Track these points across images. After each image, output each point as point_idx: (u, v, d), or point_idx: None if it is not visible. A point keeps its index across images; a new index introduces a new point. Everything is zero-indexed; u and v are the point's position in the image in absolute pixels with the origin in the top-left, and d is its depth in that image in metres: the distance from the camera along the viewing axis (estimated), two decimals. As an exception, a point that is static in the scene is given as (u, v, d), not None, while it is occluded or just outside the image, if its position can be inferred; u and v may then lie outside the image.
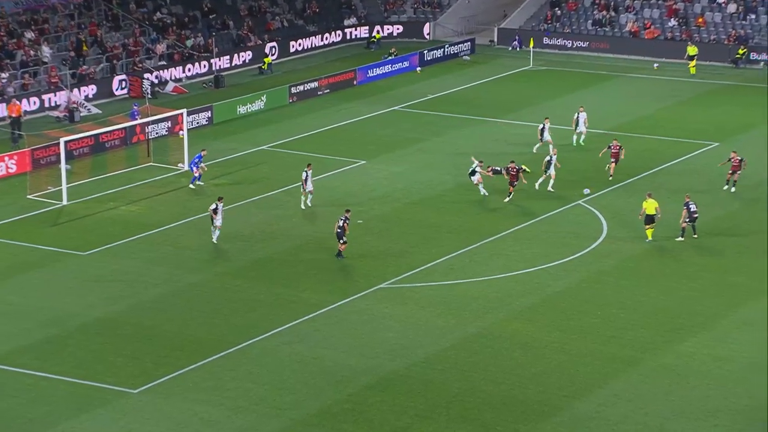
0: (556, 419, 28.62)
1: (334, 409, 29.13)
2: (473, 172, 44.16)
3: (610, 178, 45.96)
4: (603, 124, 54.74)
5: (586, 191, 43.92)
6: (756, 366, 31.21)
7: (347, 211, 39.01)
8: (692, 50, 63.89)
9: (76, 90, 57.68)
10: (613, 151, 46.27)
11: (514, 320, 34.21)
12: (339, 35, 72.23)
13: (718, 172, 46.49)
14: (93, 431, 28.17)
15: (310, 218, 42.37)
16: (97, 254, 39.48)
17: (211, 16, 68.57)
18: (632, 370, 31.06)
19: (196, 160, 45.71)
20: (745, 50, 66.07)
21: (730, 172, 44.82)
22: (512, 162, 43.76)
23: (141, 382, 30.37)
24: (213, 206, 39.56)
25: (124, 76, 59.87)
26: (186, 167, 47.96)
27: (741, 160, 44.71)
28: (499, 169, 44.39)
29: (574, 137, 50.29)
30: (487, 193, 43.99)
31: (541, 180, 44.54)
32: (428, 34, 73.62)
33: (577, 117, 50.37)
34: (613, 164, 46.06)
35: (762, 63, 66.13)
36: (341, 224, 38.22)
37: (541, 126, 49.35)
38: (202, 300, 35.77)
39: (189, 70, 63.59)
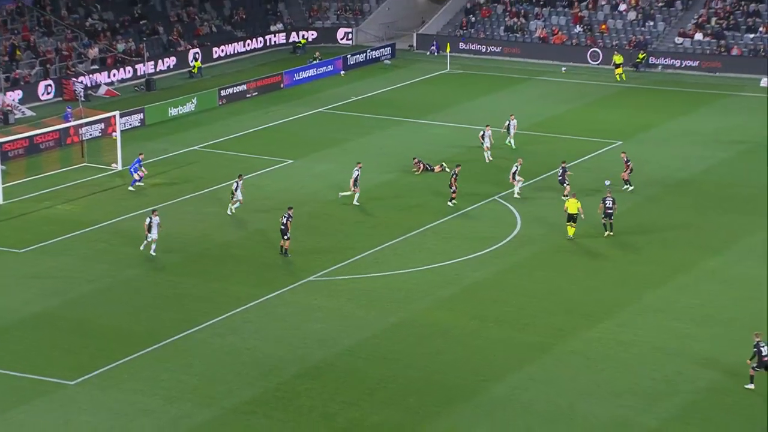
0: (475, 401, 28.87)
1: (265, 397, 29.05)
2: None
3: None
4: (517, 124, 55.26)
5: (607, 182, 42.78)
6: (657, 350, 31.79)
7: (290, 208, 38.66)
8: (618, 59, 64.65)
9: (9, 93, 56.54)
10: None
11: (435, 310, 34.41)
12: (265, 41, 71.86)
13: (621, 169, 47.26)
14: (32, 421, 27.74)
15: (240, 215, 42.12)
16: (33, 252, 38.83)
17: (141, 22, 67.73)
18: (544, 355, 31.44)
19: (136, 164, 44.98)
20: (644, 55, 67.22)
21: (626, 171, 45.11)
22: (457, 165, 43.57)
23: (78, 374, 29.97)
24: (147, 221, 38.00)
25: (50, 82, 58.79)
26: (119, 167, 47.40)
27: (628, 160, 44.87)
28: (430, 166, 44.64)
29: (509, 140, 50.30)
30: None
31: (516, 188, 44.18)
32: (342, 39, 73.51)
33: (508, 124, 50.41)
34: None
35: (660, 66, 67.36)
36: (284, 221, 37.87)
37: (481, 132, 49.02)
38: (137, 295, 35.39)
39: (121, 74, 62.78)
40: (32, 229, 41.04)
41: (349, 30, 73.99)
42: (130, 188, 44.98)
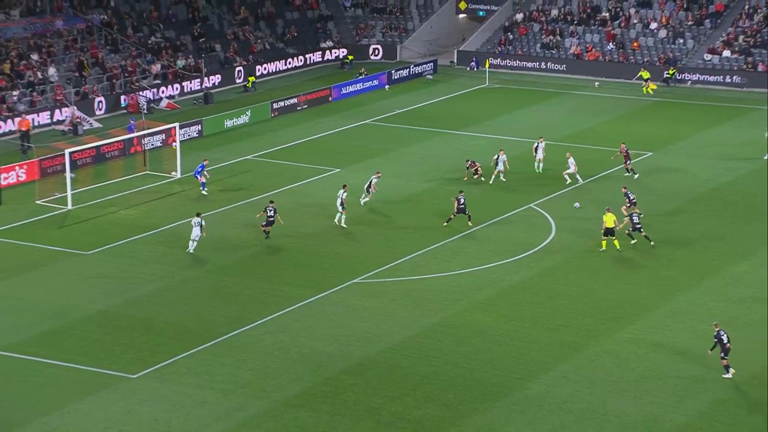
0: (511, 399, 28.65)
1: (313, 391, 29.03)
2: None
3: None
4: (551, 135, 54.90)
5: (576, 205, 42.86)
6: (686, 350, 31.38)
7: (271, 202, 40.15)
8: (645, 74, 64.07)
9: (101, 100, 57.30)
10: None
11: (474, 311, 34.22)
12: (316, 57, 72.10)
13: (651, 179, 46.82)
14: (96, 412, 27.94)
15: (289, 221, 42.19)
16: (98, 254, 39.17)
17: (200, 40, 68.25)
18: (577, 354, 31.14)
19: (200, 169, 45.28)
20: (674, 71, 66.52)
21: (626, 162, 45.96)
22: (461, 192, 41.44)
23: (139, 368, 30.16)
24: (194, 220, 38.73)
25: (115, 96, 59.45)
26: (178, 175, 47.77)
27: (627, 150, 46.09)
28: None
29: (535, 164, 47.83)
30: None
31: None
32: (375, 56, 73.44)
33: (537, 146, 48.03)
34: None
35: (689, 82, 66.62)
36: (272, 214, 39.38)
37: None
38: (194, 294, 35.56)
39: (181, 88, 63.27)
40: (98, 232, 41.41)
41: (393, 47, 73.97)
42: (203, 192, 45.12)
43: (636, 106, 61.73)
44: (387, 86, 66.51)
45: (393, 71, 68.00)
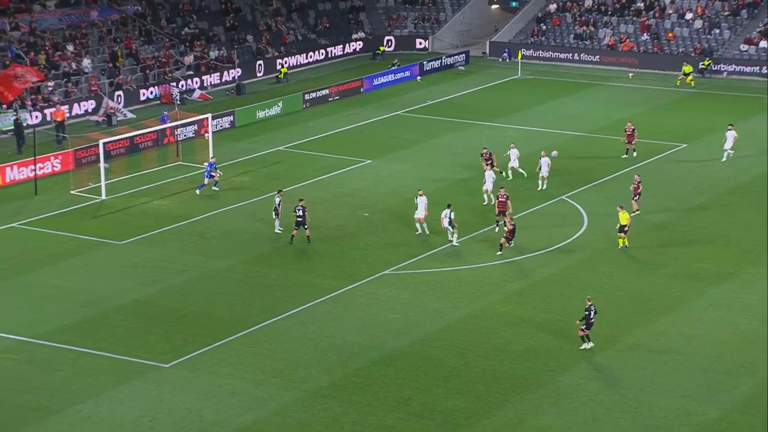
0: (542, 391, 28.59)
1: (343, 382, 29.14)
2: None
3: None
4: (583, 127, 54.68)
5: (554, 153, 42.83)
6: (719, 343, 31.14)
7: (300, 200, 39.09)
8: (687, 68, 63.48)
9: (117, 96, 57.71)
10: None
11: (505, 303, 34.16)
12: (348, 48, 72.14)
13: (686, 170, 46.48)
14: (130, 400, 28.22)
15: (320, 213, 42.26)
16: (132, 243, 39.48)
17: (233, 31, 68.51)
18: (610, 347, 30.99)
19: (209, 168, 44.84)
20: (710, 62, 65.86)
21: (627, 142, 46.86)
22: (502, 188, 40.17)
23: (172, 358, 30.40)
24: (276, 201, 39.56)
25: (149, 86, 59.81)
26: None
27: (634, 130, 47.13)
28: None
29: (540, 182, 44.34)
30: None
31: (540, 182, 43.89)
32: (418, 46, 73.47)
33: (541, 162, 44.18)
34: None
35: (725, 73, 65.95)
36: (301, 213, 38.31)
37: (507, 153, 45.89)
38: (226, 284, 35.76)
39: (213, 79, 63.55)
40: (132, 222, 41.73)
41: (425, 38, 73.86)
42: (215, 188, 44.60)
43: (671, 98, 61.22)
44: (419, 77, 66.42)
45: (425, 62, 67.88)
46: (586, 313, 30.34)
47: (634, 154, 48.15)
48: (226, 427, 26.91)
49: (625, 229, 37.71)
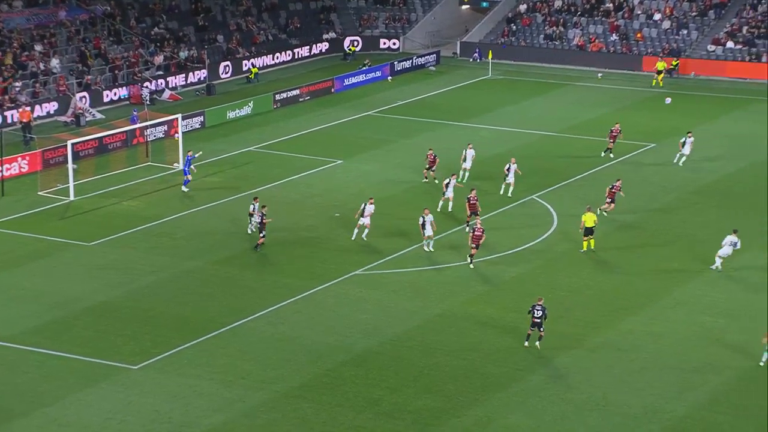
0: (511, 390, 28.65)
1: (313, 382, 29.06)
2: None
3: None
4: (553, 127, 54.94)
5: (668, 100, 43.35)
6: (686, 341, 31.35)
7: (255, 198, 38.68)
8: (661, 65, 63.88)
9: (81, 97, 57.25)
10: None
11: (475, 302, 34.22)
12: (318, 48, 72.05)
13: (654, 170, 46.74)
14: (98, 403, 28.00)
15: (291, 213, 42.16)
16: (100, 245, 39.20)
17: (203, 31, 68.21)
18: (578, 345, 31.12)
19: (187, 162, 44.49)
20: (677, 62, 66.33)
21: (611, 141, 47.72)
22: (473, 189, 39.97)
23: (140, 359, 30.20)
24: (252, 207, 38.76)
25: (118, 86, 59.43)
26: (181, 166, 47.73)
27: (620, 132, 48.06)
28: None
29: (502, 187, 43.69)
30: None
31: (510, 189, 43.49)
32: (389, 46, 73.47)
33: (509, 167, 43.51)
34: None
35: (692, 73, 66.43)
36: (260, 220, 37.55)
37: (464, 153, 45.31)
38: (196, 285, 35.58)
39: (183, 79, 63.25)
40: (100, 223, 41.43)
41: (396, 38, 73.94)
42: (184, 189, 44.50)
43: (639, 98, 61.60)
44: (389, 77, 66.43)
45: (396, 62, 67.90)
46: (530, 310, 30.39)
47: (611, 155, 48.13)
48: (195, 429, 26.76)
49: (591, 231, 37.61)
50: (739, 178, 46.80)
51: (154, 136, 51.54)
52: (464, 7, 78.89)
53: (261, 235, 37.91)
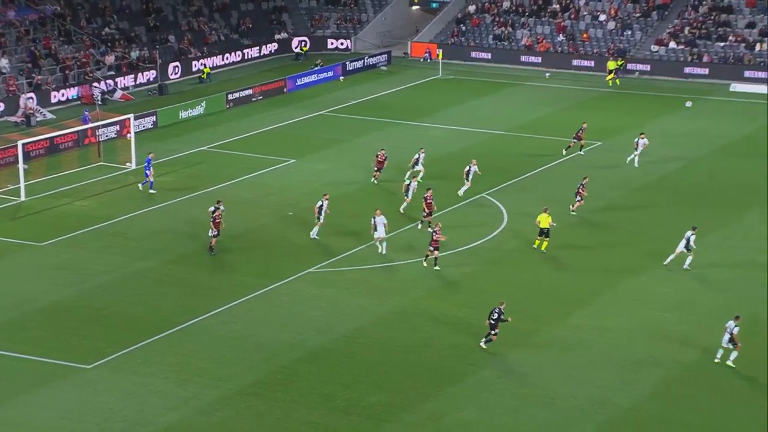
0: (463, 384, 28.89)
1: (267, 379, 29.06)
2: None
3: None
4: (503, 126, 55.37)
5: (688, 104, 43.34)
6: (632, 334, 31.82)
7: (219, 202, 38.15)
8: (612, 65, 64.57)
9: (32, 97, 56.54)
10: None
11: (427, 299, 34.42)
12: (269, 48, 71.87)
13: (601, 168, 47.35)
14: (52, 402, 27.76)
15: (244, 212, 42.06)
16: (53, 245, 38.80)
17: (154, 31, 67.69)
18: (529, 340, 31.45)
19: (147, 164, 44.03)
20: (623, 62, 67.20)
21: (576, 140, 48.56)
22: (429, 189, 39.85)
23: (94, 359, 29.97)
24: (212, 209, 37.84)
25: (69, 87, 58.81)
26: (133, 166, 47.45)
27: (583, 131, 48.74)
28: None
29: (463, 189, 43.47)
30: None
31: (464, 188, 43.57)
32: (340, 47, 73.54)
33: (469, 169, 43.52)
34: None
35: (637, 72, 67.36)
36: (213, 218, 36.89)
37: (415, 157, 45.16)
38: (149, 285, 35.37)
39: (135, 79, 62.73)
40: (52, 223, 41.00)
41: (348, 38, 74.04)
42: (152, 191, 44.00)
43: (585, 96, 62.30)
44: (341, 77, 66.47)
45: (347, 62, 67.96)
46: (492, 313, 30.46)
47: (563, 152, 48.71)
48: (150, 427, 26.64)
49: (545, 232, 37.85)
50: (682, 175, 47.53)
51: (106, 136, 51.07)
52: (414, 8, 79.17)
53: (213, 234, 37.52)
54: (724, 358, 29.59)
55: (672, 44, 68.48)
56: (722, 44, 67.44)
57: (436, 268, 36.32)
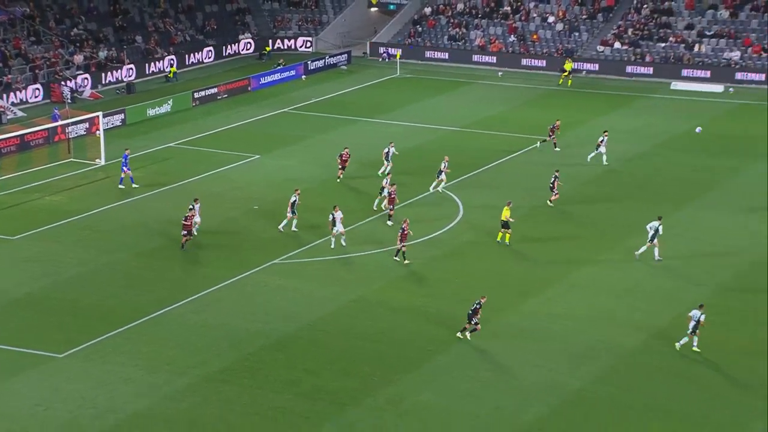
0: (422, 370, 28.93)
1: (235, 366, 28.89)
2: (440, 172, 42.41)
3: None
4: (458, 122, 55.48)
5: (698, 129, 43.08)
6: (583, 320, 32.06)
7: (197, 200, 37.56)
8: (569, 66, 64.82)
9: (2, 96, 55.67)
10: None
11: (388, 289, 34.40)
12: (234, 48, 71.37)
13: (547, 162, 47.69)
14: (25, 390, 27.38)
15: (212, 206, 41.73)
16: (24, 238, 38.24)
17: (122, 32, 66.92)
18: (484, 327, 31.49)
19: (124, 160, 43.35)
20: (571, 62, 67.55)
21: (549, 135, 48.87)
22: (393, 185, 39.86)
23: (66, 348, 29.62)
24: (190, 206, 37.23)
25: (39, 86, 57.91)
26: (102, 162, 46.93)
27: (555, 127, 49.07)
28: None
29: (440, 184, 43.28)
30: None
31: (434, 183, 43.49)
32: (302, 47, 73.18)
33: (441, 166, 43.12)
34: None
35: (584, 72, 67.82)
36: (187, 215, 36.33)
37: (386, 150, 45.25)
38: (119, 276, 35.00)
39: (103, 78, 61.98)
40: (24, 218, 40.41)
41: (309, 38, 73.74)
42: (134, 185, 43.31)
43: (536, 94, 62.62)
44: (303, 76, 66.20)
45: (309, 62, 67.69)
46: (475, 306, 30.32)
47: (537, 145, 49.11)
48: (121, 413, 26.37)
49: (507, 224, 37.79)
50: (626, 169, 47.92)
51: (76, 133, 50.45)
52: (373, 9, 79.02)
53: (183, 234, 36.80)
54: (689, 345, 29.79)
55: (617, 45, 69.03)
56: (663, 45, 68.12)
57: (406, 262, 36.15)
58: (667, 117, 57.13)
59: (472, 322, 30.44)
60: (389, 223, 39.52)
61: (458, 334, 30.62)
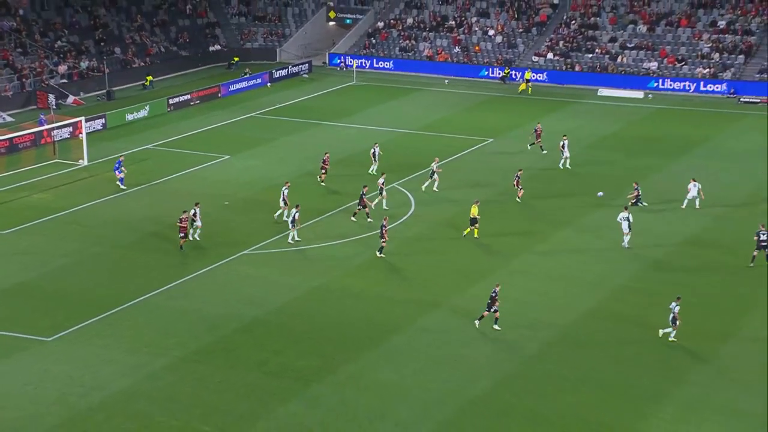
0: (380, 349, 28.99)
1: (209, 348, 28.73)
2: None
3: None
4: (410, 125, 55.55)
5: (600, 194, 41.55)
6: (522, 303, 32.28)
7: (197, 204, 36.86)
8: (528, 75, 64.99)
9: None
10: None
11: (348, 276, 34.37)
12: (206, 58, 70.73)
13: (493, 161, 47.89)
14: (15, 371, 26.99)
15: (185, 202, 41.32)
16: (13, 233, 37.62)
17: (102, 44, 66.02)
18: (435, 309, 31.69)
19: (117, 165, 43.00)
20: (509, 70, 68.02)
21: (537, 138, 48.71)
22: (365, 187, 39.33)
23: (54, 332, 29.25)
24: (192, 211, 36.40)
25: (26, 93, 56.95)
26: (85, 163, 46.33)
27: (538, 131, 48.64)
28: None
29: (432, 183, 42.87)
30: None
31: (426, 183, 43.10)
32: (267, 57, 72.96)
33: (433, 166, 42.91)
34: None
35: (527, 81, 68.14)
36: (185, 221, 35.51)
37: (372, 150, 45.38)
38: (103, 267, 34.57)
39: (85, 86, 61.08)
40: (12, 214, 39.73)
41: (274, 49, 73.37)
42: (122, 186, 42.60)
43: (478, 100, 62.89)
44: (269, 84, 65.86)
45: (274, 71, 67.34)
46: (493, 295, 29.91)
47: (528, 147, 48.98)
48: (106, 391, 26.10)
49: (475, 221, 37.49)
50: (559, 167, 48.28)
51: (61, 136, 49.69)
52: (331, 23, 78.83)
53: (180, 236, 36.27)
54: (669, 335, 29.95)
55: (549, 55, 69.62)
56: (590, 55, 68.83)
57: (381, 255, 35.70)
58: (594, 120, 57.68)
59: (491, 310, 29.87)
60: (369, 220, 38.75)
61: (476, 322, 29.92)
